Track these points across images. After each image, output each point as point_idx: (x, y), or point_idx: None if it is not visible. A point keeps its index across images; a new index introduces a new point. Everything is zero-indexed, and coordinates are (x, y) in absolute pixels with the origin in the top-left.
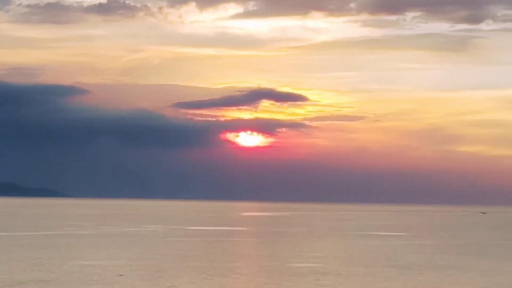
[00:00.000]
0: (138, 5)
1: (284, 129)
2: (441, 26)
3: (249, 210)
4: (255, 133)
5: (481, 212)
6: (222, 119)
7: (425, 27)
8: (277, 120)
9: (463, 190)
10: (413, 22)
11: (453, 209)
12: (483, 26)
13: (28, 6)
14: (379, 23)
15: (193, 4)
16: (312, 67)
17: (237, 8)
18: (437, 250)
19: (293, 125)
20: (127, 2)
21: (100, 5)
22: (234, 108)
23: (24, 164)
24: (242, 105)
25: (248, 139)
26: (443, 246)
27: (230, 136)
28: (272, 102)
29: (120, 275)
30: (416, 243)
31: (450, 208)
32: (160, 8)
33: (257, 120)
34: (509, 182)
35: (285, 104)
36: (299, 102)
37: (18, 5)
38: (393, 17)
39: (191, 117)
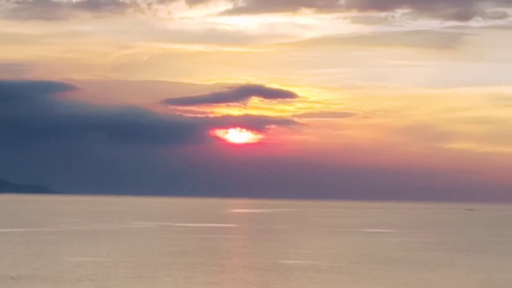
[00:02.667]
0: (127, 1)
1: (273, 126)
2: (430, 23)
3: (239, 207)
4: (244, 130)
5: (467, 209)
6: (211, 115)
7: (414, 24)
8: (266, 116)
9: (453, 187)
10: (403, 19)
11: (442, 206)
12: (473, 23)
13: (17, 2)
14: (368, 20)
15: (183, 0)
16: (301, 64)
17: (227, 5)
18: (426, 246)
19: (282, 122)
20: None
21: (89, 1)
22: (223, 104)
23: (13, 161)
24: (231, 101)
25: (237, 136)
26: (432, 243)
27: (219, 132)
28: (261, 98)
29: (109, 270)
30: (405, 239)
31: (439, 205)
32: (150, 4)
33: (246, 116)
34: (498, 179)
35: (274, 101)
36: (288, 99)
37: (7, 1)
38: (383, 14)
39: (180, 114)
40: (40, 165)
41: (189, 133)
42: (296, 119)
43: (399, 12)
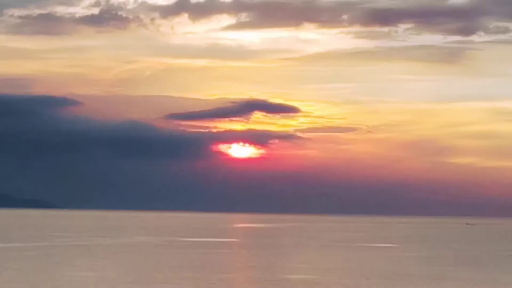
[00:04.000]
0: (131, 16)
1: (276, 141)
2: (433, 38)
3: (241, 221)
4: (247, 145)
5: (468, 224)
6: (214, 130)
7: (417, 39)
8: (269, 131)
9: (455, 202)
10: (405, 34)
11: (444, 220)
12: (475, 38)
13: (20, 17)
14: (371, 35)
15: (186, 15)
16: (304, 79)
17: (230, 20)
18: (426, 261)
19: (285, 137)
20: (119, 13)
21: (92, 16)
22: (226, 119)
23: (15, 175)
24: (235, 116)
25: (240, 151)
26: (432, 257)
27: (223, 147)
28: (264, 113)
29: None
30: (407, 254)
31: (441, 220)
32: (153, 19)
33: (249, 131)
34: (501, 194)
35: (277, 116)
36: (291, 114)
37: (10, 16)
38: (385, 29)
39: (183, 129)
40: (43, 180)
41: (192, 148)
42: (299, 134)
43: (402, 27)
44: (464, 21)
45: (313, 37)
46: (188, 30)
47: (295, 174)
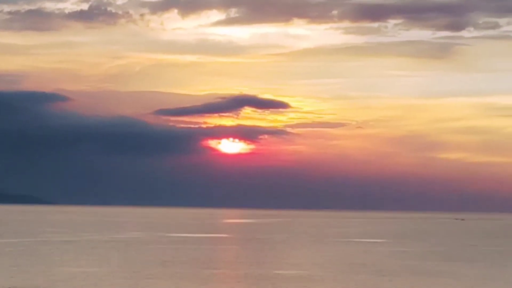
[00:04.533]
0: (120, 12)
1: (265, 136)
2: (422, 33)
3: (232, 217)
4: (237, 140)
5: (458, 219)
6: (204, 126)
7: (406, 34)
8: (258, 127)
9: (445, 197)
10: (395, 29)
11: (434, 215)
12: (465, 33)
13: (9, 13)
14: (360, 30)
15: (175, 11)
16: (294, 74)
17: (219, 15)
18: (417, 256)
19: (274, 132)
20: (108, 9)
21: (81, 12)
22: (216, 115)
23: (5, 171)
24: (224, 112)
25: (230, 146)
26: (422, 252)
27: (212, 143)
28: (254, 109)
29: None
30: (396, 249)
31: (431, 215)
32: (142, 15)
33: (239, 127)
34: (490, 189)
35: (267, 111)
36: (280, 109)
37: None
38: (375, 24)
39: (173, 124)
40: (32, 176)
41: (181, 143)
42: (288, 129)
43: (391, 22)
44: (453, 17)
45: (302, 33)
46: (177, 26)
47: (284, 169)
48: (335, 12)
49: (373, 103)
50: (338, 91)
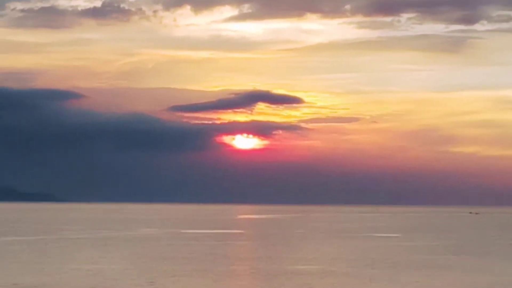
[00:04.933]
0: (133, 8)
1: (280, 131)
2: (435, 27)
3: (246, 212)
4: (251, 136)
5: (472, 212)
6: (218, 122)
7: (420, 28)
8: (272, 122)
9: (459, 191)
10: (408, 23)
11: (448, 209)
12: (478, 26)
13: (23, 10)
14: (373, 25)
15: (188, 7)
16: (307, 69)
17: (232, 11)
18: (431, 250)
19: (288, 127)
20: (121, 6)
21: (94, 9)
22: (230, 111)
23: (20, 169)
24: (238, 107)
25: (244, 142)
26: (436, 246)
27: (226, 139)
28: (268, 104)
29: (116, 279)
30: (411, 243)
31: (446, 209)
32: (155, 11)
33: (252, 122)
34: (504, 183)
35: (281, 106)
36: (294, 104)
37: (13, 9)
38: (388, 19)
39: (187, 120)
40: (47, 173)
41: (196, 139)
42: (302, 125)
43: (404, 16)
44: (466, 10)
45: (315, 28)
46: (190, 22)
47: (299, 164)
48: (348, 6)
49: (387, 98)
50: (351, 85)
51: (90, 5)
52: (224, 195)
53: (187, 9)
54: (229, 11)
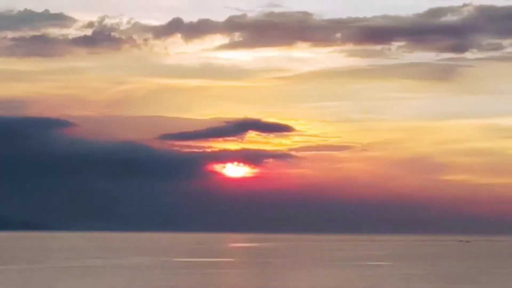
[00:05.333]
0: (124, 37)
1: (270, 160)
2: (426, 56)
3: (236, 241)
4: (241, 164)
5: (462, 241)
6: (208, 150)
7: (410, 57)
8: (263, 150)
9: (450, 219)
10: (398, 52)
11: (438, 238)
12: (468, 55)
13: (13, 39)
14: (364, 53)
15: (179, 35)
16: (298, 97)
17: (223, 39)
18: (422, 278)
19: (279, 156)
20: (112, 34)
21: (85, 37)
22: (221, 139)
23: (9, 197)
24: (229, 136)
25: (234, 170)
26: (427, 275)
27: (217, 167)
28: (258, 132)
29: None
30: (402, 272)
31: (436, 237)
32: (146, 40)
33: (243, 151)
34: (495, 211)
35: (271, 135)
36: (285, 133)
37: (3, 38)
38: (378, 47)
39: (178, 149)
40: (37, 202)
41: (186, 168)
42: (293, 153)
43: (395, 45)
44: (456, 38)
45: (306, 56)
46: (181, 50)
47: (290, 193)
48: (338, 35)
49: (378, 126)
50: (342, 114)
51: (81, 33)
52: (214, 223)
53: (178, 38)
54: (220, 39)
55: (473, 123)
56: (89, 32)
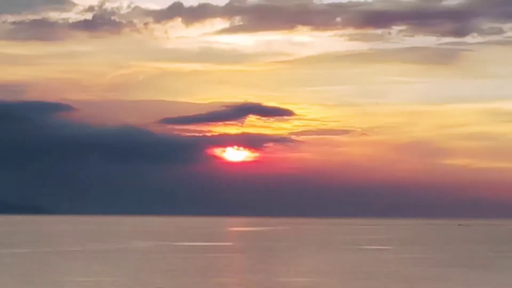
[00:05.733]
0: (124, 21)
1: (270, 144)
2: (426, 40)
3: (237, 225)
4: (241, 148)
5: (460, 225)
6: (208, 134)
7: (411, 41)
8: (263, 134)
9: (450, 203)
10: (399, 36)
11: (439, 221)
12: (469, 39)
13: (14, 23)
14: (364, 37)
15: (179, 19)
16: (298, 82)
17: (223, 23)
18: (423, 262)
19: (279, 140)
20: (112, 18)
21: (85, 21)
22: (221, 123)
23: (9, 182)
24: (229, 120)
25: (235, 154)
26: (428, 258)
27: (217, 151)
28: (258, 116)
29: None
30: (402, 256)
31: (437, 221)
32: (146, 24)
33: (243, 135)
34: (496, 195)
35: (272, 119)
36: (285, 117)
37: (3, 22)
38: (379, 31)
39: (178, 133)
40: (37, 186)
41: (186, 152)
42: (293, 137)
43: (395, 29)
44: (457, 23)
45: (306, 40)
46: (181, 35)
47: (290, 177)
48: (339, 19)
49: (378, 110)
50: (342, 98)
51: (81, 17)
52: (215, 207)
53: (178, 22)
54: (220, 23)
55: (473, 107)
56: (89, 16)
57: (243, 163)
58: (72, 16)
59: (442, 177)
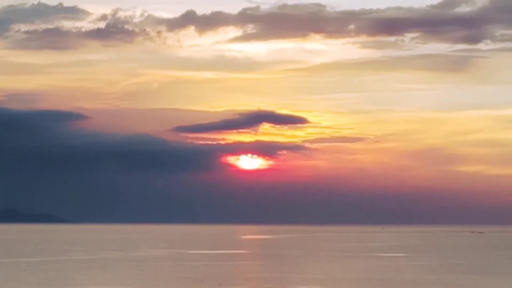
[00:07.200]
0: (137, 29)
1: (284, 152)
2: (439, 47)
3: (250, 233)
4: (255, 156)
5: (473, 232)
6: (222, 142)
7: (423, 48)
8: (277, 142)
9: (463, 210)
10: (412, 43)
11: (452, 229)
12: (482, 46)
13: (27, 32)
14: (378, 45)
15: (192, 28)
16: (311, 89)
17: (236, 32)
18: (436, 269)
19: (293, 148)
20: (125, 26)
21: (98, 30)
22: (234, 131)
23: (24, 190)
24: (242, 128)
25: (248, 162)
26: (441, 266)
27: (231, 159)
28: (272, 124)
29: None
30: (416, 263)
31: (450, 228)
32: (159, 32)
33: (257, 143)
34: (509, 201)
35: (285, 127)
36: (298, 124)
37: (17, 31)
38: (392, 38)
39: (192, 141)
40: (51, 195)
41: (200, 160)
42: (307, 145)
43: (408, 36)
44: (470, 29)
45: (319, 48)
46: (194, 43)
47: (303, 184)
48: (351, 26)
49: (391, 117)
50: (355, 105)
51: (94, 26)
52: (228, 215)
53: (191, 30)
54: (233, 31)
55: (486, 114)
56: (102, 25)
57: (256, 171)
58: (85, 25)
59: (455, 184)
